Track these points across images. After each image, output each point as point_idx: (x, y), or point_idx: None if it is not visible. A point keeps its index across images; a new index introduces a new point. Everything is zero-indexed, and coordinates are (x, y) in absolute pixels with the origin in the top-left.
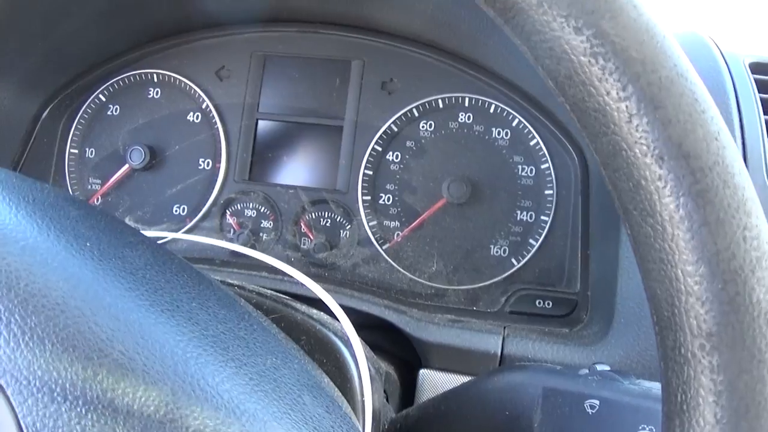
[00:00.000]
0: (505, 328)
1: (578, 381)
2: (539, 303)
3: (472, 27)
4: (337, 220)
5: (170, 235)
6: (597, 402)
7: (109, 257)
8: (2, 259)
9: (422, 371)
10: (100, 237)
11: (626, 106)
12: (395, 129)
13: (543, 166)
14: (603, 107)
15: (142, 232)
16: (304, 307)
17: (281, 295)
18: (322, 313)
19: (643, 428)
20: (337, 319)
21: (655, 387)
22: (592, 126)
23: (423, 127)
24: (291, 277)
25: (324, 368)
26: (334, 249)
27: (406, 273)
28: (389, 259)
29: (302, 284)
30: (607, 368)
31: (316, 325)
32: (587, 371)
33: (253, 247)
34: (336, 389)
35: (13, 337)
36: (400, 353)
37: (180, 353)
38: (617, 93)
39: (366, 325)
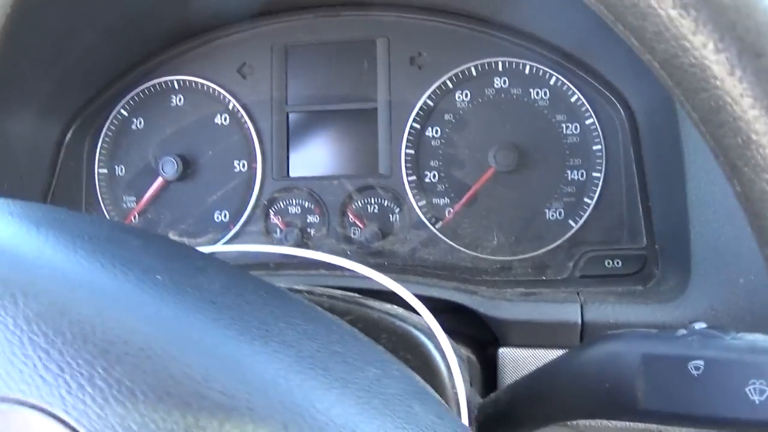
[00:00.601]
0: (579, 293)
1: (678, 343)
2: (608, 263)
3: None
4: (385, 204)
5: (229, 248)
6: (701, 362)
7: (184, 288)
8: (72, 308)
9: (501, 350)
10: (167, 266)
11: (726, 58)
12: (431, 104)
13: (587, 122)
14: (700, 62)
15: (200, 249)
16: (377, 304)
17: (352, 294)
18: (397, 306)
19: (753, 383)
20: (413, 310)
21: (760, 339)
22: (689, 82)
23: (459, 97)
24: (354, 272)
25: (410, 365)
26: (389, 236)
27: (468, 251)
28: (447, 239)
29: (368, 278)
30: (704, 326)
31: (395, 321)
32: (685, 331)
33: (304, 244)
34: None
35: (100, 393)
36: (475, 334)
37: (283, 383)
38: (714, 45)
39: (435, 309)
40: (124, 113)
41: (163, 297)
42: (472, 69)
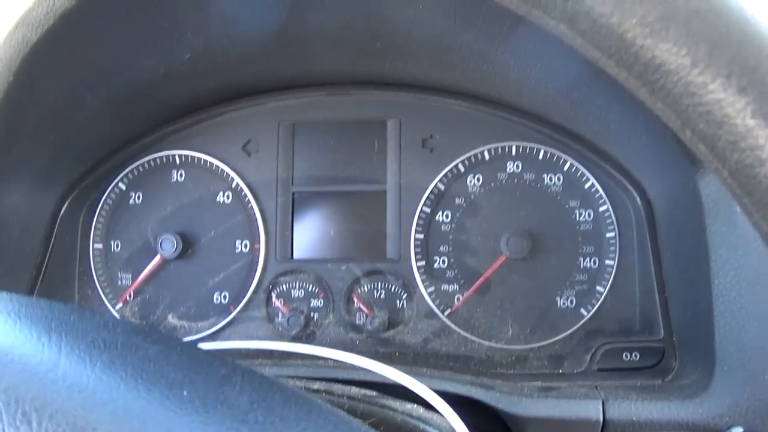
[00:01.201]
0: (597, 388)
1: None
2: (626, 356)
3: (521, 74)
4: (393, 290)
5: (237, 345)
6: None
7: (213, 405)
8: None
9: None
10: (191, 378)
11: None
12: (442, 187)
13: (601, 209)
14: None
15: (204, 346)
16: (398, 404)
17: (370, 393)
18: (418, 406)
19: None
20: (433, 409)
21: None
22: (764, 193)
23: (470, 182)
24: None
25: None
26: (400, 325)
27: (482, 341)
28: (460, 330)
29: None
30: (741, 430)
31: (419, 426)
32: None
33: (309, 332)
34: None
35: None
36: (487, 429)
37: None
38: None
39: (448, 401)
40: (122, 187)
41: (193, 418)
42: (485, 153)
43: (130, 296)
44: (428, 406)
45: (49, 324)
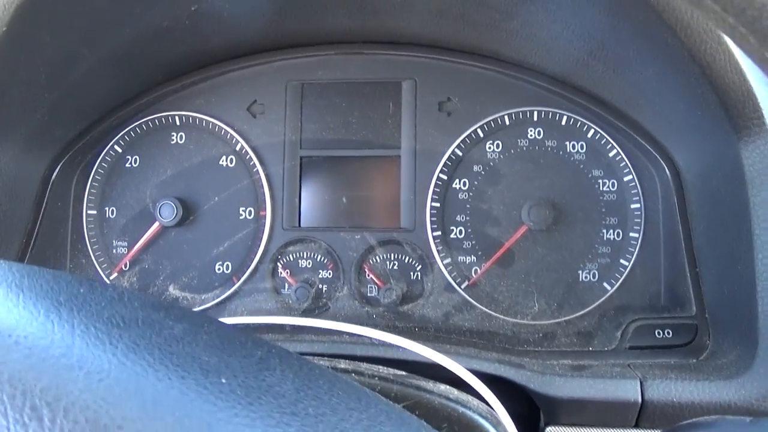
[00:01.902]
0: (630, 366)
1: None
2: (659, 333)
3: (551, 32)
4: (407, 261)
5: (255, 320)
6: None
7: (256, 395)
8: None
9: (550, 429)
10: (227, 361)
11: None
12: (460, 153)
13: (626, 179)
14: None
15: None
16: (432, 386)
17: (401, 374)
18: (453, 389)
19: None
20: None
21: None
22: None
23: (490, 148)
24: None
25: None
26: (420, 299)
27: (507, 318)
28: (482, 306)
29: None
30: None
31: (458, 409)
32: None
33: (322, 305)
34: None
35: None
36: (514, 408)
37: None
38: None
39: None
40: (118, 149)
41: (236, 411)
42: (506, 118)
43: (126, 266)
44: (458, 385)
45: (57, 298)
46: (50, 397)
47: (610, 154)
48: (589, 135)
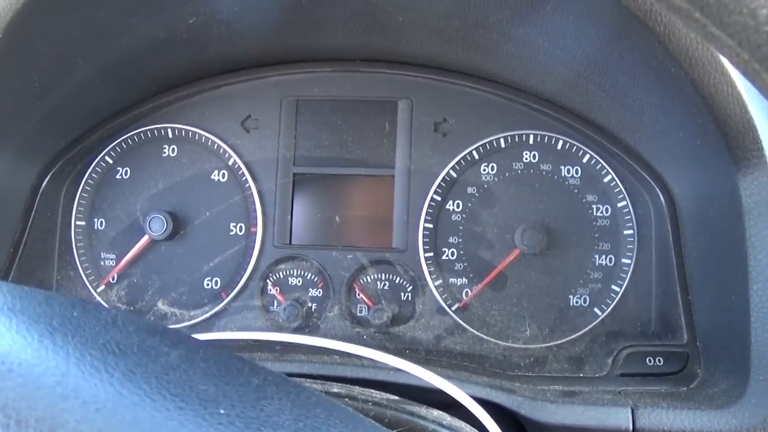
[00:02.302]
0: (621, 393)
1: None
2: (650, 360)
3: (551, 57)
4: (398, 282)
5: (249, 336)
6: None
7: (255, 425)
8: None
9: None
10: (224, 390)
11: None
12: (454, 175)
13: (620, 204)
14: None
15: (221, 336)
16: (424, 411)
17: (397, 400)
18: (444, 414)
19: None
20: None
21: None
22: None
23: (484, 170)
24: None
25: None
26: (411, 320)
27: (498, 341)
28: (474, 328)
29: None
30: None
31: None
32: None
33: (312, 325)
34: None
35: None
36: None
37: None
38: None
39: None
40: (109, 160)
41: None
42: (501, 140)
43: (113, 278)
44: (449, 410)
45: (51, 322)
46: (46, 427)
47: (605, 180)
48: (585, 159)
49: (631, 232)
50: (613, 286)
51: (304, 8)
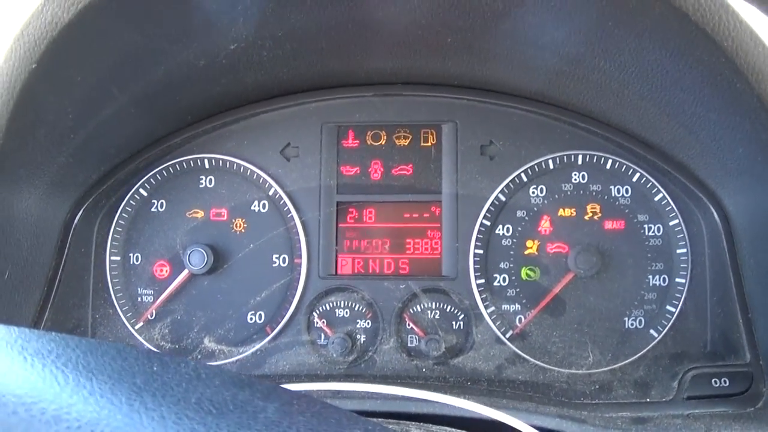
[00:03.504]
0: (690, 417)
1: None
2: (716, 382)
3: (604, 76)
4: (448, 311)
5: (339, 387)
6: None
7: None
8: None
9: None
10: None
11: None
12: (503, 198)
13: (672, 223)
14: None
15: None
16: None
17: None
18: None
19: None
20: None
21: None
22: None
23: (533, 192)
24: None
25: None
26: (471, 351)
27: (562, 369)
28: (534, 357)
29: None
30: None
31: None
32: None
33: (368, 359)
34: None
35: None
36: None
37: None
38: None
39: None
40: (143, 193)
41: None
42: (549, 162)
43: (152, 315)
44: None
45: (134, 381)
46: None
47: (656, 198)
48: (635, 179)
49: (684, 250)
50: (668, 307)
51: (350, 33)
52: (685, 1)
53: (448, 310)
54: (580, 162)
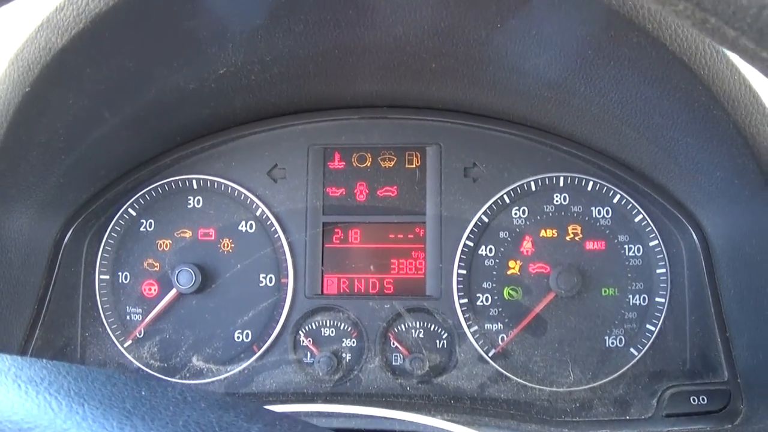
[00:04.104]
0: None
1: None
2: (694, 400)
3: (584, 101)
4: (432, 330)
5: (322, 408)
6: None
7: None
8: None
9: None
10: None
11: None
12: (485, 220)
13: (652, 244)
14: None
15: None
16: None
17: None
18: None
19: None
20: None
21: None
22: None
23: (516, 214)
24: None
25: None
26: (454, 369)
27: (544, 387)
28: (516, 377)
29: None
30: None
31: None
32: None
33: (353, 378)
34: None
35: None
36: None
37: None
38: None
39: None
40: (132, 213)
41: None
42: (531, 184)
43: (140, 333)
44: None
45: (124, 405)
46: None
47: (636, 219)
48: (615, 200)
49: (664, 270)
50: (648, 326)
51: (336, 58)
52: (662, 32)
53: (431, 329)
54: (561, 184)
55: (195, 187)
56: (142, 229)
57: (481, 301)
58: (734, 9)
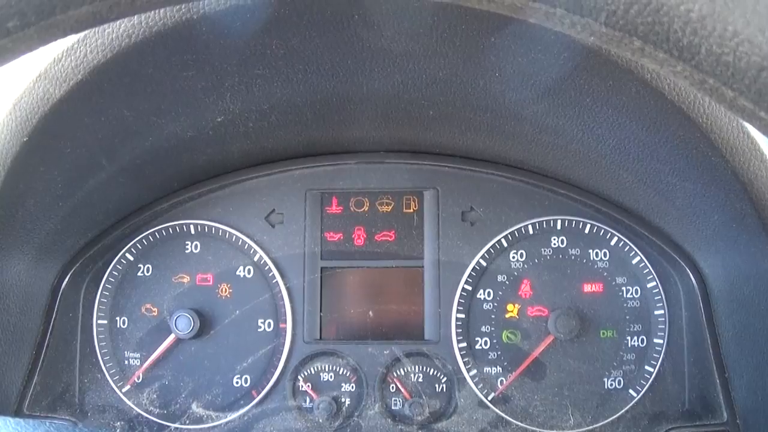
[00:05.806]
0: None
1: None
2: None
3: (582, 146)
4: (431, 374)
5: None
6: None
7: None
8: None
9: None
10: None
11: None
12: (483, 264)
13: (650, 285)
14: None
15: None
16: None
17: None
18: None
19: None
20: None
21: None
22: None
23: (514, 257)
24: None
25: None
26: (454, 415)
27: (545, 431)
28: (517, 422)
29: None
30: None
31: None
32: None
33: (353, 424)
34: None
35: None
36: None
37: None
38: None
39: None
40: (130, 257)
41: None
42: (529, 227)
43: (139, 378)
44: None
45: None
46: None
47: (633, 261)
48: (613, 242)
49: (662, 312)
50: (647, 367)
51: (334, 105)
52: (661, 82)
53: (431, 373)
54: (559, 227)
55: (193, 232)
56: (139, 274)
57: (480, 345)
58: (733, 71)
